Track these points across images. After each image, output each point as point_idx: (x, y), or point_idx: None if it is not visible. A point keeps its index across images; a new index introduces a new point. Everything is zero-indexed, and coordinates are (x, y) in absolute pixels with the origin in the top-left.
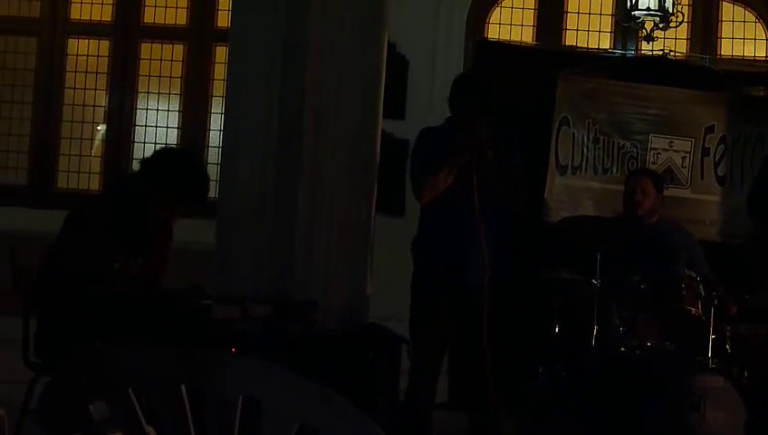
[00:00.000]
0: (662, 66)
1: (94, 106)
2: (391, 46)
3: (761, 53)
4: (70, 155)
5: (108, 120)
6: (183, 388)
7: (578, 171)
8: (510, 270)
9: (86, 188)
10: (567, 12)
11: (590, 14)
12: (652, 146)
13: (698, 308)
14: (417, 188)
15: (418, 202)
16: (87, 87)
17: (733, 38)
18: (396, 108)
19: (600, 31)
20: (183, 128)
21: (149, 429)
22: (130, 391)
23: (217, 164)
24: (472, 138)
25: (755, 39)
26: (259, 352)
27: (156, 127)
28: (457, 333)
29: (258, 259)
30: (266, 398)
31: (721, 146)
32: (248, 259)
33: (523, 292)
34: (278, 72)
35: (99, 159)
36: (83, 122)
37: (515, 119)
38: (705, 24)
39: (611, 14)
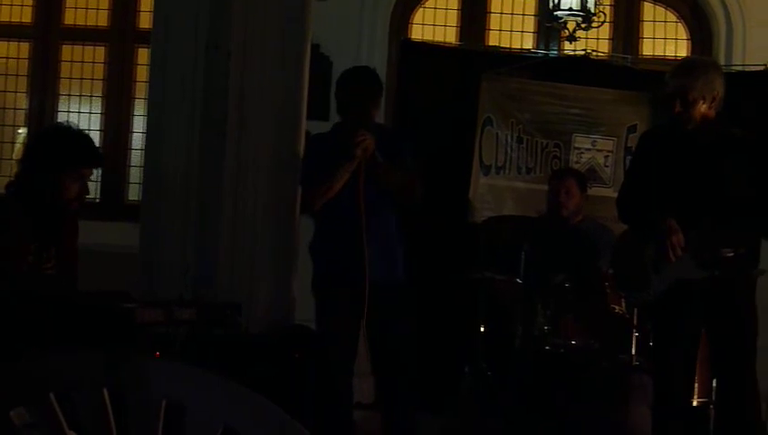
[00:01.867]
0: (585, 66)
1: (15, 109)
2: (315, 47)
3: (682, 53)
4: None
5: (29, 123)
6: (105, 392)
7: (502, 171)
8: (401, 270)
9: None
10: (490, 12)
11: (512, 14)
12: (575, 145)
13: (622, 306)
14: (307, 195)
15: (310, 209)
16: (7, 90)
17: (654, 38)
18: (319, 109)
19: (522, 31)
20: (105, 130)
21: (72, 433)
22: (52, 395)
23: (141, 167)
24: (356, 143)
25: (676, 39)
26: (183, 355)
27: None
28: (368, 333)
29: (182, 262)
30: (190, 402)
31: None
32: (172, 262)
33: (447, 292)
34: (201, 72)
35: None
36: (4, 125)
37: (438, 119)
38: (626, 25)
39: (534, 15)
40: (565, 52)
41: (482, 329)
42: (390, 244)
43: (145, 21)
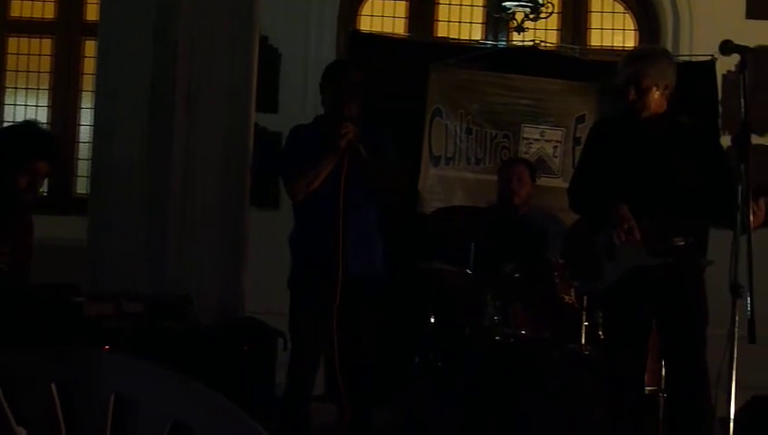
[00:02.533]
0: (533, 57)
1: None
2: (263, 38)
3: (629, 44)
4: None
5: None
6: (54, 387)
7: (451, 162)
8: (380, 265)
9: None
10: (438, 3)
11: (461, 5)
12: (524, 136)
13: (571, 295)
14: (289, 188)
15: (292, 201)
16: None
17: (602, 29)
18: (268, 101)
19: (471, 22)
20: (53, 123)
21: (20, 429)
22: (0, 391)
23: (88, 159)
24: (341, 135)
25: (624, 29)
26: (133, 349)
27: None
28: (337, 325)
29: (131, 255)
30: (140, 396)
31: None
32: (121, 255)
33: (396, 283)
34: (149, 64)
35: None
36: None
37: (388, 110)
38: (574, 15)
39: (482, 6)
40: (514, 42)
41: (432, 320)
42: (369, 237)
43: (92, 13)
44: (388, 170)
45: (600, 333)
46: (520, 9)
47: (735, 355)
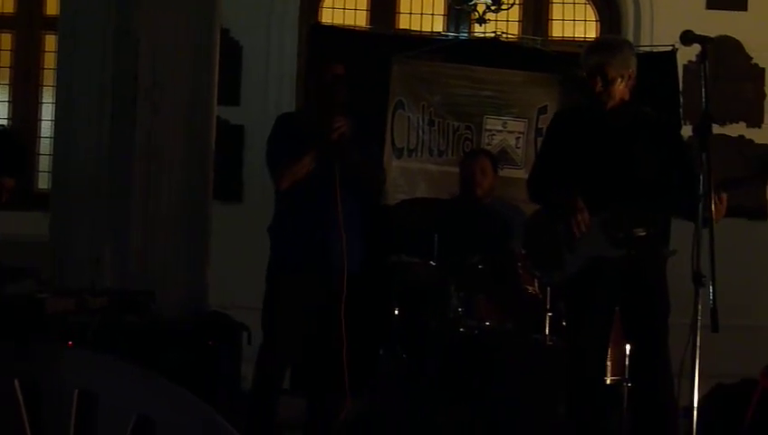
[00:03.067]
0: (495, 48)
1: None
2: (224, 32)
3: (591, 34)
4: None
5: None
6: (17, 383)
7: (413, 154)
8: (363, 260)
9: None
10: None
11: None
12: (486, 127)
13: (535, 286)
14: (275, 174)
15: (277, 187)
16: None
17: (563, 20)
18: (230, 94)
19: (432, 14)
20: (13, 118)
21: None
22: None
23: (50, 155)
24: (334, 128)
25: (585, 20)
26: (96, 344)
27: None
28: (316, 319)
29: (94, 250)
30: (103, 390)
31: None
32: (84, 251)
33: (362, 275)
34: (110, 59)
35: None
36: None
37: (350, 103)
38: (536, 6)
39: None
40: (475, 34)
41: (396, 312)
42: (357, 232)
43: (52, 7)
44: (372, 164)
45: (564, 323)
46: (481, 1)
47: (699, 344)
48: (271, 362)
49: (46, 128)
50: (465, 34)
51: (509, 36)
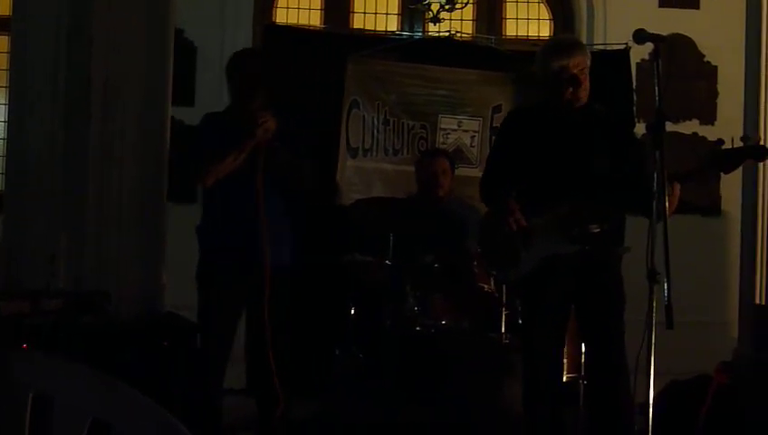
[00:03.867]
0: (449, 47)
1: None
2: (179, 32)
3: (544, 33)
4: None
5: None
6: None
7: (369, 153)
8: (294, 255)
9: None
10: None
11: None
12: (441, 126)
13: (490, 284)
14: (199, 171)
15: (200, 185)
16: None
17: (517, 19)
18: (185, 94)
19: (387, 13)
20: None
21: None
22: None
23: (2, 156)
24: (259, 124)
25: (539, 19)
26: (52, 346)
27: None
28: (247, 316)
29: (48, 251)
30: (58, 393)
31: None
32: (38, 251)
33: (316, 275)
34: (63, 59)
35: None
36: None
37: (305, 102)
38: (489, 6)
39: None
40: (430, 33)
41: (352, 311)
42: (283, 228)
43: (4, 7)
44: (299, 161)
45: (520, 321)
46: (435, 0)
47: (654, 341)
48: (207, 363)
49: None
50: (420, 34)
51: (463, 35)
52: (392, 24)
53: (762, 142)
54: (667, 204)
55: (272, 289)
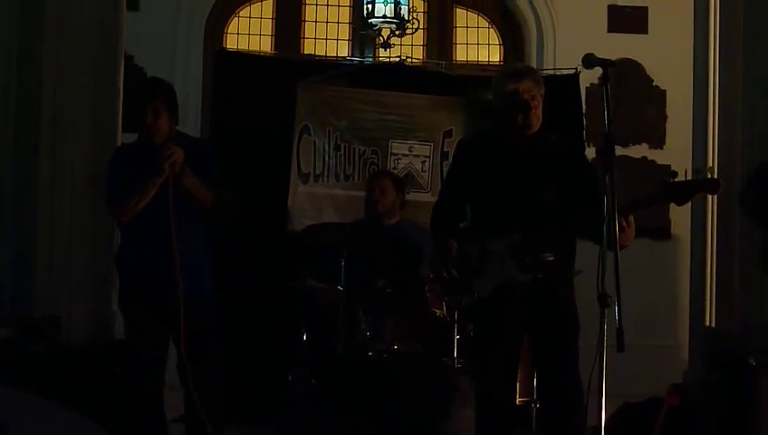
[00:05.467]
0: (400, 73)
1: None
2: (128, 58)
3: (495, 58)
4: None
5: None
6: None
7: (320, 179)
8: (209, 284)
9: None
10: (304, 21)
11: (327, 22)
12: (392, 151)
13: (443, 309)
14: (115, 208)
15: (117, 222)
16: None
17: (467, 44)
18: (135, 120)
19: (337, 39)
20: None
21: None
22: None
23: None
24: (165, 157)
25: (489, 44)
26: (2, 374)
27: None
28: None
29: None
30: (8, 422)
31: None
32: None
33: (269, 301)
34: (13, 84)
35: None
36: None
37: (256, 128)
38: (440, 31)
39: (348, 23)
40: (380, 59)
41: (304, 337)
42: (198, 257)
43: None
44: (215, 191)
45: (472, 345)
46: (386, 26)
47: (605, 364)
48: (145, 390)
49: None
50: (370, 59)
51: (414, 61)
52: (343, 50)
53: (711, 168)
54: (624, 235)
55: (187, 317)
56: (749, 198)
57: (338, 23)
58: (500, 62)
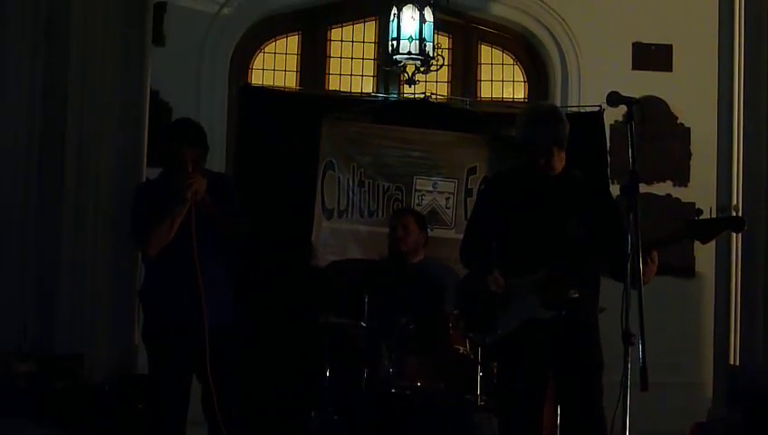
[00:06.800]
0: (424, 109)
1: None
2: (154, 93)
3: (519, 95)
4: None
5: None
6: None
7: (344, 215)
8: (231, 314)
9: None
10: (330, 57)
11: (352, 58)
12: (416, 188)
13: (466, 346)
14: (142, 243)
15: (146, 255)
16: None
17: (492, 80)
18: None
19: (362, 75)
20: None
21: None
22: None
23: None
24: (187, 186)
25: (513, 81)
26: (24, 411)
27: None
28: (197, 377)
29: (21, 314)
30: None
31: (483, 186)
32: (10, 313)
33: (292, 336)
34: (38, 119)
35: None
36: None
37: (281, 164)
38: (464, 68)
39: (373, 59)
40: (405, 95)
41: (327, 373)
42: (223, 288)
43: None
44: (232, 209)
45: (495, 382)
46: (411, 62)
47: (629, 402)
48: (169, 425)
49: None
50: (395, 95)
51: (438, 97)
52: (367, 86)
53: (736, 206)
54: (647, 270)
55: (212, 348)
56: None
57: (363, 59)
58: (524, 98)
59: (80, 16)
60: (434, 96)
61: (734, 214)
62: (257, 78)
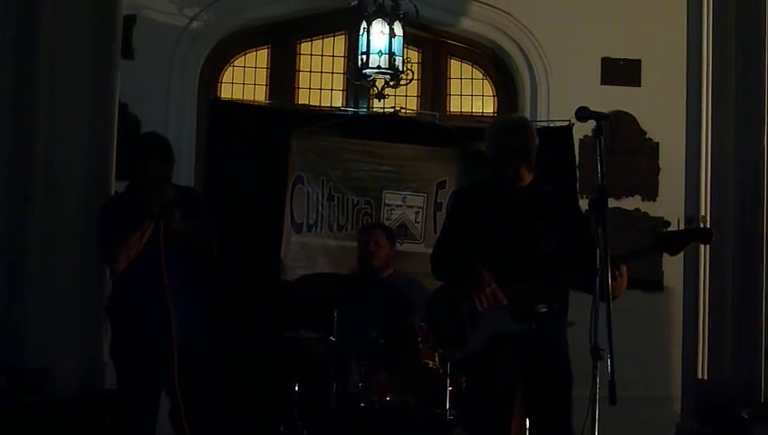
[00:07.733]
0: (394, 123)
1: None
2: (122, 106)
3: (488, 109)
4: None
5: None
6: None
7: (313, 229)
8: (205, 329)
9: None
10: (299, 71)
11: (321, 72)
12: (386, 202)
13: (435, 360)
14: (109, 257)
15: (113, 270)
16: None
17: (461, 95)
18: (128, 169)
19: (332, 89)
20: None
21: None
22: None
23: None
24: (155, 200)
25: (483, 96)
26: None
27: None
28: (165, 391)
29: None
30: None
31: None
32: None
33: (261, 351)
34: (7, 131)
35: None
36: None
37: (250, 177)
38: (434, 82)
39: (343, 73)
40: (374, 109)
41: (296, 388)
42: (191, 304)
43: None
44: (201, 229)
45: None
46: (380, 76)
47: (597, 416)
48: None
49: None
50: (365, 110)
51: (408, 111)
52: (337, 100)
53: (704, 217)
54: (616, 285)
55: (180, 361)
56: None
57: (332, 73)
58: (494, 113)
59: (49, 29)
60: (403, 110)
61: (702, 225)
62: (227, 92)
